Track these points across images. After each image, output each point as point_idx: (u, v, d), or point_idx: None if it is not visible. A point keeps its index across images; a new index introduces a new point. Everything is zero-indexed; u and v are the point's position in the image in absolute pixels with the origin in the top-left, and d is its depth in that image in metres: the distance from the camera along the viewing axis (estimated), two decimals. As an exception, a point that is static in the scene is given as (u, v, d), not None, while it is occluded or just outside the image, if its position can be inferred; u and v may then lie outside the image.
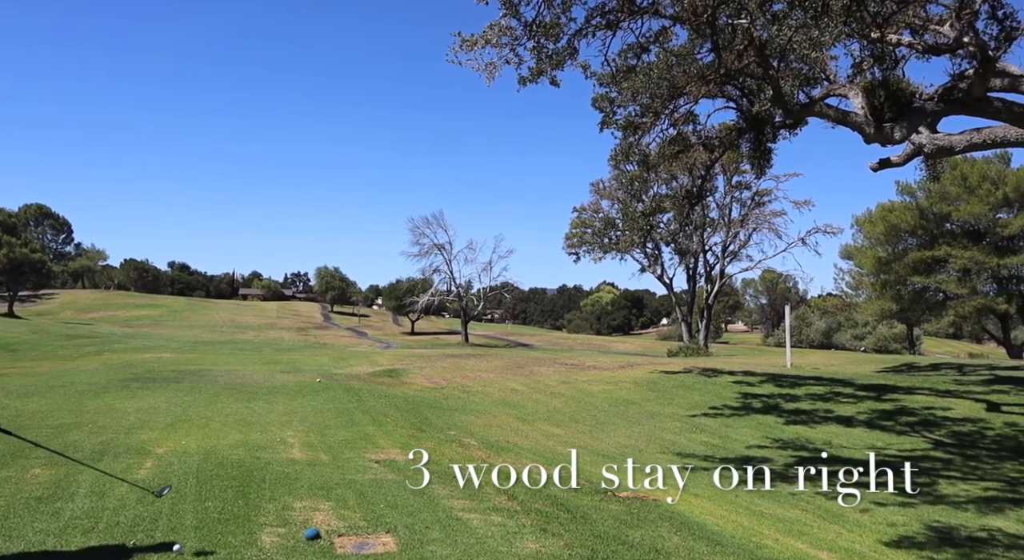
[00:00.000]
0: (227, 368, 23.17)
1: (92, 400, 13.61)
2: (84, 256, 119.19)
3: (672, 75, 16.56)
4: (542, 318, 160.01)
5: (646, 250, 45.95)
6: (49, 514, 5.77)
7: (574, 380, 21.79)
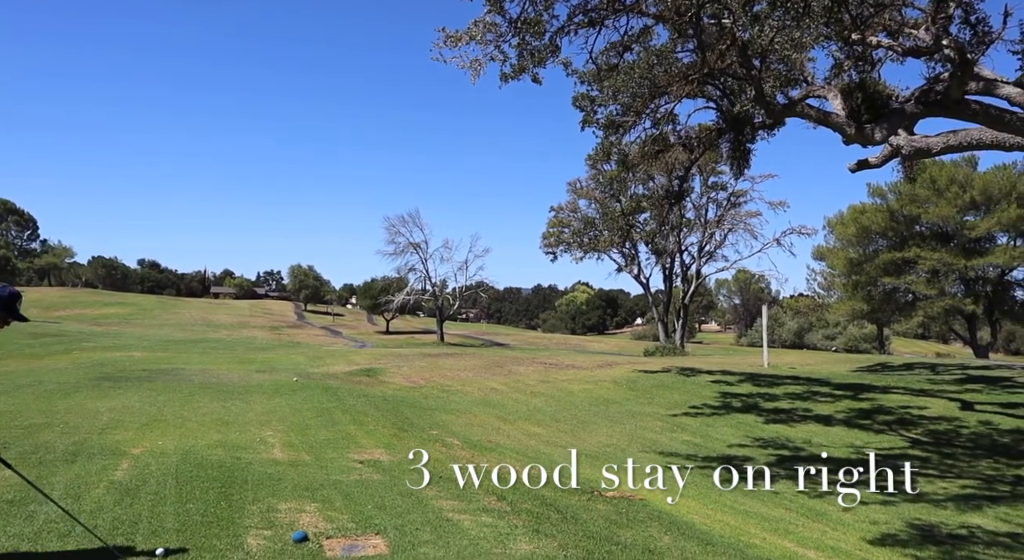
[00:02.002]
0: (201, 367, 22.78)
1: (62, 400, 13.25)
2: (50, 253, 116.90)
3: (653, 75, 16.57)
4: (517, 317, 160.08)
5: (624, 250, 46.10)
6: (22, 518, 5.55)
7: (553, 379, 21.73)
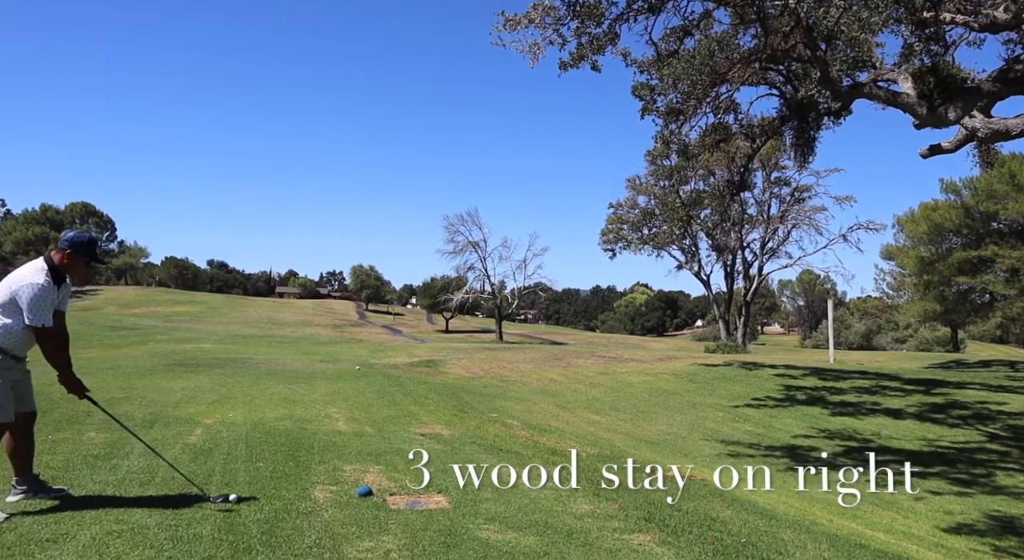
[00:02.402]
0: (267, 357, 23.41)
1: (139, 380, 13.81)
2: (127, 253, 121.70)
3: (714, 61, 16.34)
4: (575, 318, 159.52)
5: (683, 245, 45.48)
6: (107, 469, 5.83)
7: (613, 371, 21.60)
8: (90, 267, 4.94)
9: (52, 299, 4.61)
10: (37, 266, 4.64)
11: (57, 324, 4.72)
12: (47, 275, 4.59)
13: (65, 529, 4.14)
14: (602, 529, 4.81)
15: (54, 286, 4.62)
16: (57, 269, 4.68)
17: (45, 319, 4.57)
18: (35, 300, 4.49)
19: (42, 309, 4.53)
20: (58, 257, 4.71)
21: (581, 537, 4.57)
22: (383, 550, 4.09)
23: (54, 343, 4.70)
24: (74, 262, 4.76)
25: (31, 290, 4.49)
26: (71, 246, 4.73)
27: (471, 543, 4.30)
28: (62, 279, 4.73)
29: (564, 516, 5.09)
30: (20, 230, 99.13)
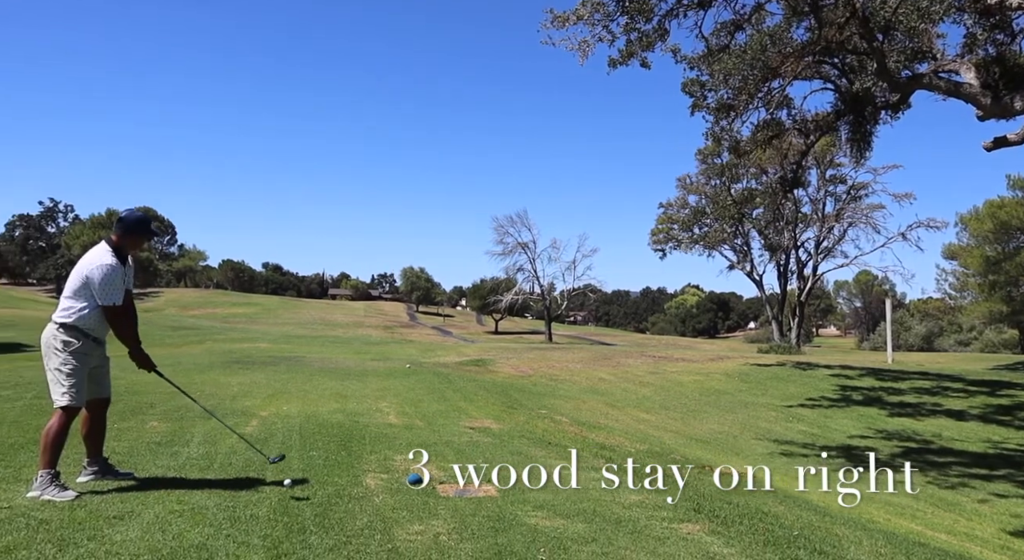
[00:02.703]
0: (320, 356, 23.86)
1: (198, 375, 14.24)
2: (186, 256, 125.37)
3: (766, 56, 16.08)
4: (625, 320, 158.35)
5: (735, 245, 44.77)
6: (168, 455, 6.05)
7: (663, 371, 21.41)
8: (145, 240, 5.15)
9: (121, 278, 4.84)
10: (102, 249, 4.87)
11: (125, 302, 4.92)
12: (112, 256, 4.81)
13: (130, 508, 4.31)
14: (651, 518, 4.79)
15: (120, 265, 4.84)
16: (119, 249, 4.90)
17: (116, 298, 4.79)
18: (105, 280, 4.72)
19: (112, 288, 4.75)
20: (116, 238, 4.93)
21: (629, 525, 4.57)
22: (433, 533, 4.15)
23: (125, 320, 4.91)
24: (132, 238, 5.01)
25: (101, 271, 4.72)
26: (125, 223, 4.97)
27: (519, 528, 4.34)
28: (124, 258, 4.94)
29: (613, 505, 5.09)
30: (87, 234, 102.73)
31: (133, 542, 3.67)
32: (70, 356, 4.71)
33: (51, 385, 4.75)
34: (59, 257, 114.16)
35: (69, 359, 4.71)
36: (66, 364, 4.70)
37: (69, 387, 4.69)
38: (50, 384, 4.76)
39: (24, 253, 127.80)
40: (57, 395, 4.70)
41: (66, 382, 4.69)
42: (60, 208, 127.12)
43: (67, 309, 4.76)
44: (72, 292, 4.77)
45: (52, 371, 4.73)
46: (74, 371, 4.71)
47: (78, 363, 4.73)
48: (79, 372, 4.74)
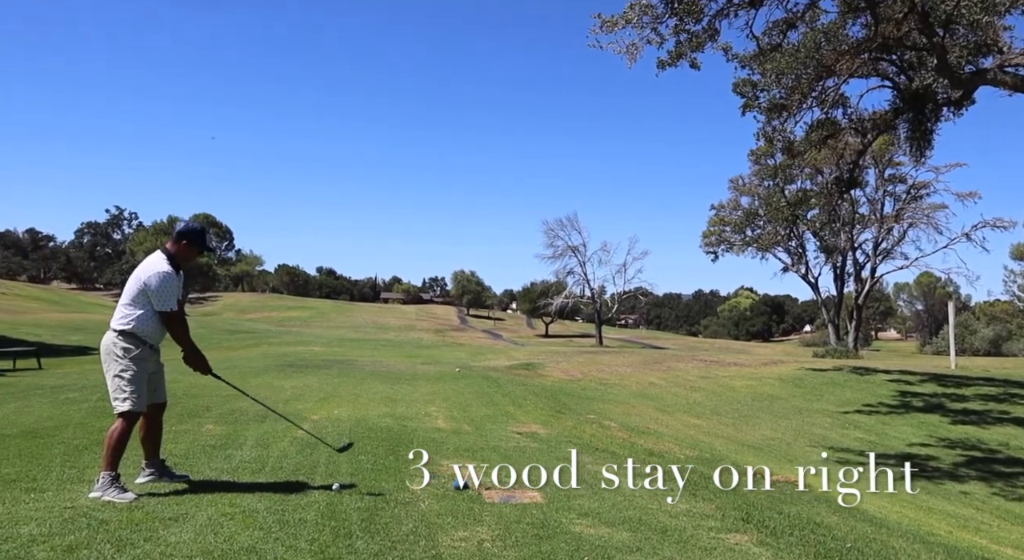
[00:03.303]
0: (371, 359, 24.18)
1: (253, 378, 14.57)
2: (243, 261, 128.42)
3: (820, 54, 15.74)
4: (677, 323, 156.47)
5: (789, 247, 43.85)
6: (222, 458, 6.21)
7: (714, 375, 21.09)
8: (200, 254, 5.29)
9: (176, 286, 5.00)
10: (159, 257, 5.04)
11: (177, 310, 5.08)
12: (168, 263, 4.98)
13: (185, 510, 4.43)
14: (697, 528, 4.73)
15: (175, 274, 5.00)
16: (174, 257, 5.06)
17: (171, 304, 4.95)
18: (161, 287, 4.88)
19: (168, 295, 4.92)
20: (172, 246, 5.09)
21: (675, 534, 4.51)
22: (477, 540, 4.17)
23: (180, 325, 5.07)
24: (187, 250, 5.17)
25: (158, 278, 4.89)
26: (183, 234, 5.12)
27: (564, 536, 4.33)
28: (179, 267, 5.10)
29: (659, 514, 5.04)
30: (150, 241, 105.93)
31: (187, 544, 3.78)
32: (130, 362, 4.88)
33: (112, 391, 4.92)
34: (124, 263, 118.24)
35: (129, 365, 4.87)
36: (127, 370, 4.87)
37: (130, 393, 4.86)
38: (111, 390, 4.93)
39: (92, 259, 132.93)
40: (119, 401, 4.87)
41: (127, 388, 4.86)
42: (125, 215, 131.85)
43: (125, 316, 4.93)
44: (130, 299, 4.94)
45: (113, 377, 4.90)
46: (134, 377, 4.88)
47: (137, 369, 4.89)
48: (139, 378, 4.90)
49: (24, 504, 4.46)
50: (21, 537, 3.77)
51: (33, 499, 4.60)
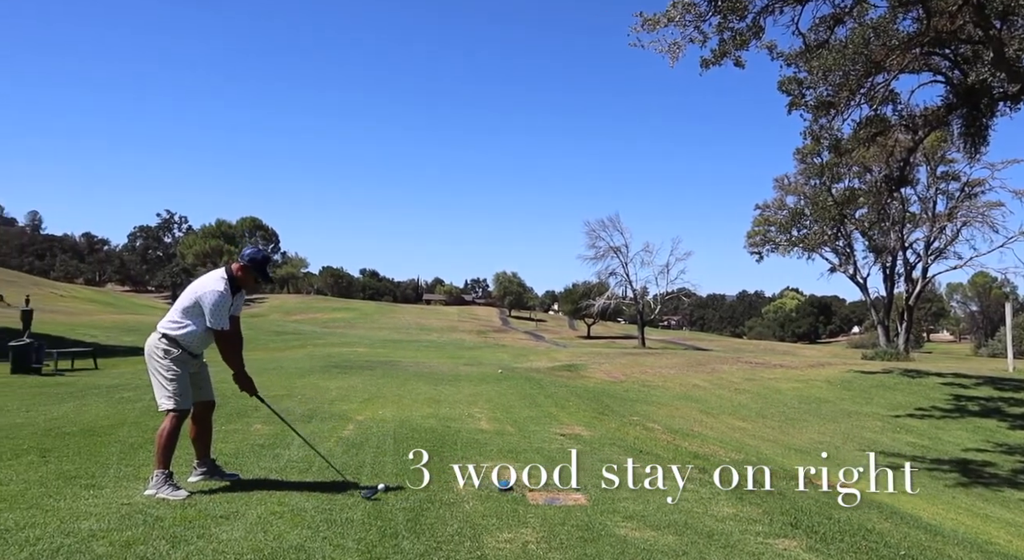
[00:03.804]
0: (415, 360, 24.38)
1: (299, 379, 14.81)
2: (289, 264, 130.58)
3: (869, 49, 15.41)
4: (721, 325, 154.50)
5: (836, 247, 42.90)
6: (270, 457, 6.32)
7: (759, 377, 20.77)
8: (257, 283, 5.39)
9: (228, 305, 5.10)
10: (218, 275, 5.16)
11: (232, 327, 5.19)
12: (226, 284, 5.09)
13: (235, 508, 4.53)
14: (744, 532, 4.66)
15: (230, 294, 5.10)
16: (234, 279, 5.17)
17: (223, 323, 5.06)
18: (215, 305, 4.99)
19: (220, 313, 5.03)
20: (236, 268, 5.22)
21: (722, 539, 4.46)
22: (521, 541, 4.18)
23: (230, 345, 5.18)
24: (247, 275, 5.27)
25: (212, 296, 5.00)
26: (248, 261, 5.25)
27: (608, 539, 4.31)
28: (238, 288, 5.22)
29: (704, 517, 4.99)
30: (199, 244, 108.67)
31: (238, 541, 3.86)
32: (171, 363, 5.01)
33: (156, 389, 5.07)
34: (174, 266, 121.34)
35: (170, 365, 5.01)
36: (168, 370, 5.00)
37: (173, 391, 4.99)
38: (155, 388, 5.08)
39: (144, 262, 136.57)
40: (162, 398, 5.01)
41: (169, 386, 4.99)
42: (175, 219, 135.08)
43: (174, 322, 5.06)
44: (182, 309, 5.07)
45: (156, 376, 5.05)
46: (176, 376, 5.01)
47: (178, 369, 5.02)
48: (181, 377, 5.03)
49: (84, 500, 4.61)
50: (82, 532, 3.90)
51: (92, 495, 4.75)
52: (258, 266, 5.30)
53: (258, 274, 5.31)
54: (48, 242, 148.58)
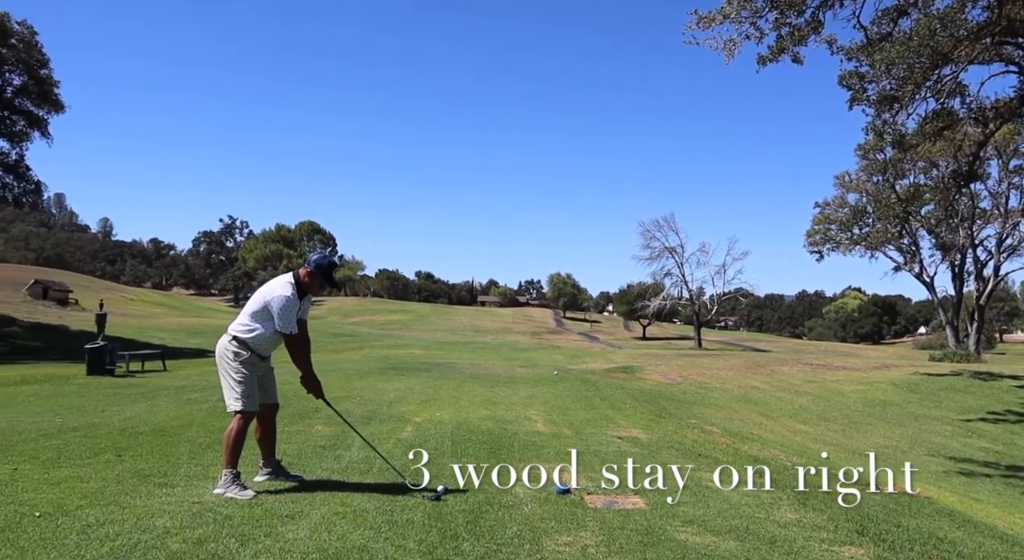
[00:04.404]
0: (470, 362, 24.56)
1: (358, 381, 15.08)
2: (346, 267, 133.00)
3: (935, 41, 14.92)
4: (779, 325, 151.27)
5: (901, 245, 41.57)
6: (332, 458, 6.46)
7: (821, 379, 20.27)
8: (323, 288, 5.51)
9: (296, 309, 5.23)
10: (286, 280, 5.30)
11: (300, 331, 5.33)
12: (293, 289, 5.23)
13: (300, 508, 4.65)
14: (808, 539, 4.56)
15: (297, 299, 5.23)
16: (301, 284, 5.30)
17: (292, 326, 5.19)
18: (283, 310, 5.13)
19: (288, 318, 5.16)
20: (303, 274, 5.35)
21: (785, 545, 4.38)
22: (580, 545, 4.18)
23: (299, 348, 5.31)
24: (314, 280, 5.39)
25: (280, 301, 5.14)
26: (315, 267, 5.37)
27: (668, 543, 4.28)
28: (304, 293, 5.35)
29: (766, 523, 4.90)
30: (260, 248, 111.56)
31: (303, 541, 3.96)
32: (240, 365, 5.16)
33: (225, 391, 5.23)
34: (236, 269, 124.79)
35: (239, 367, 5.16)
36: (237, 372, 5.16)
37: (241, 393, 5.14)
38: (224, 390, 5.24)
39: (207, 266, 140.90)
40: (231, 400, 5.17)
41: (238, 388, 5.15)
42: (237, 224, 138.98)
43: (244, 326, 5.22)
44: (251, 313, 5.22)
45: (225, 377, 5.21)
46: (245, 378, 5.16)
47: (247, 371, 5.17)
48: (250, 379, 5.18)
49: (157, 498, 4.79)
50: (157, 529, 4.06)
51: (165, 493, 4.93)
52: (324, 271, 5.41)
53: (324, 279, 5.42)
54: (118, 248, 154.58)
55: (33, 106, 33.93)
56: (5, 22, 31.44)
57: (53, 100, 34.11)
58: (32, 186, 36.26)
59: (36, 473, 5.55)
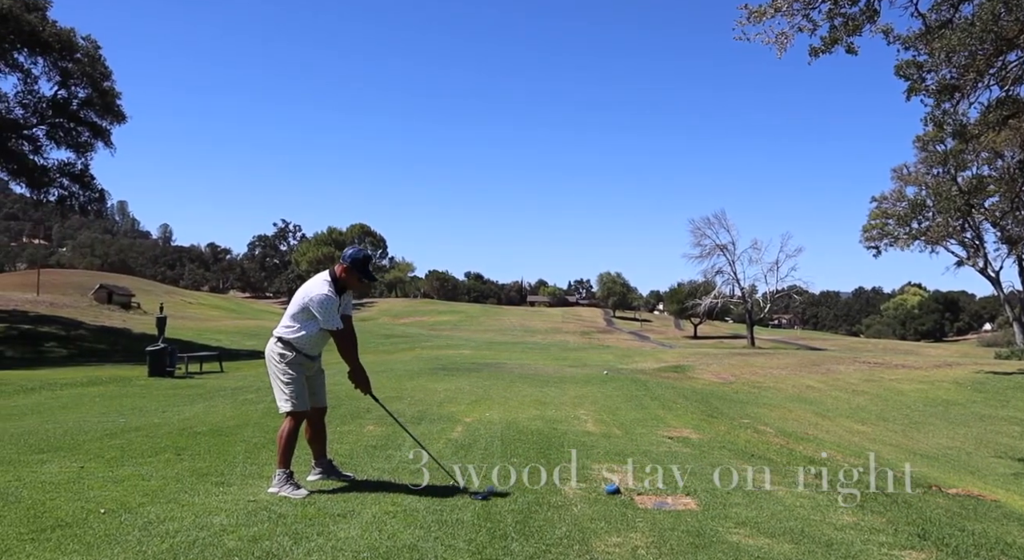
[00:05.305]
0: (520, 362, 24.59)
1: (409, 381, 15.23)
2: (396, 269, 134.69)
3: (999, 26, 14.39)
4: (835, 323, 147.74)
5: (964, 239, 40.17)
6: (383, 458, 6.54)
7: (879, 378, 19.72)
8: (362, 282, 5.53)
9: (337, 305, 5.29)
10: (323, 278, 5.37)
11: (346, 326, 5.39)
12: (330, 286, 5.28)
13: (352, 507, 4.71)
14: (867, 543, 4.44)
15: (336, 295, 5.29)
16: (338, 280, 5.36)
17: (335, 322, 5.26)
18: (324, 307, 5.20)
19: (330, 314, 5.23)
20: (339, 270, 5.39)
21: (842, 549, 4.26)
22: (631, 546, 4.14)
23: (346, 343, 5.38)
24: (351, 275, 5.40)
25: (319, 299, 5.20)
26: (349, 262, 5.38)
27: (720, 545, 4.21)
28: (343, 289, 5.40)
29: (822, 525, 4.78)
30: (312, 251, 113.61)
31: (355, 539, 4.02)
32: (287, 366, 5.25)
33: (275, 392, 5.33)
34: (289, 272, 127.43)
35: (287, 369, 5.25)
36: (285, 373, 5.25)
37: (291, 393, 5.23)
38: (274, 391, 5.34)
39: (262, 269, 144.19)
40: (281, 401, 5.27)
41: (287, 389, 5.24)
42: (290, 228, 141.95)
43: (288, 327, 5.31)
44: (293, 314, 5.30)
45: (275, 379, 5.31)
46: (293, 379, 5.25)
47: (295, 373, 5.26)
48: (298, 380, 5.26)
49: (215, 496, 4.92)
50: (214, 526, 4.17)
51: (221, 492, 5.06)
52: (359, 265, 5.39)
53: (360, 273, 5.40)
54: (178, 253, 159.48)
55: (97, 117, 35.19)
56: (71, 38, 32.66)
57: (116, 111, 35.31)
58: (96, 195, 37.53)
59: (101, 471, 5.75)
